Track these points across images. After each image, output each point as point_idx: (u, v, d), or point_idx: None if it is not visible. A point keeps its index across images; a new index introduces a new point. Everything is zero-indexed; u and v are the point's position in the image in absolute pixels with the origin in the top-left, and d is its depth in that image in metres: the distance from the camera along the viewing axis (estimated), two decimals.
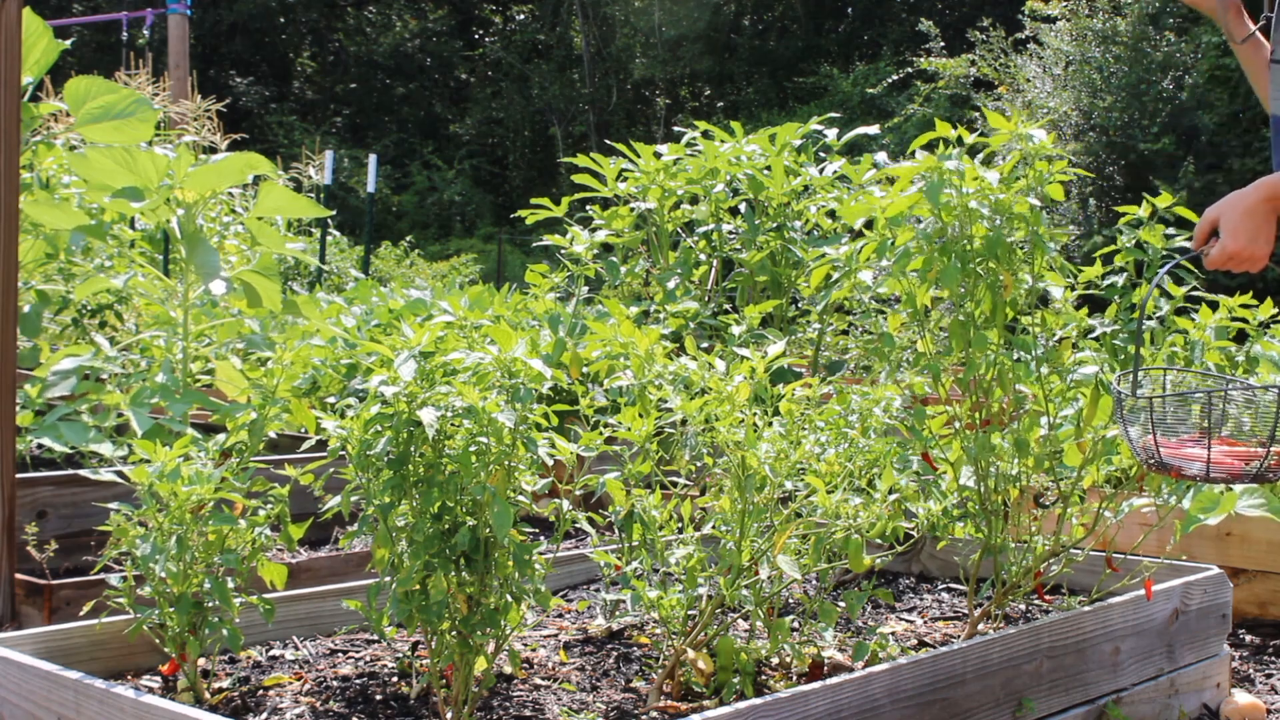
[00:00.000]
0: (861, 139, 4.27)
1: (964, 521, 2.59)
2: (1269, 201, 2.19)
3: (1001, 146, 2.47)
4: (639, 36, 28.40)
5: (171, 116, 9.35)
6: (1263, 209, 2.19)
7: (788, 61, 26.69)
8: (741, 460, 2.17)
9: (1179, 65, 15.70)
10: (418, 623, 1.97)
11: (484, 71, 30.15)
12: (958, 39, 19.76)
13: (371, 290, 5.54)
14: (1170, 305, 2.52)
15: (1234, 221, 2.19)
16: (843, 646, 2.57)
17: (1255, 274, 2.25)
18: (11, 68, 2.99)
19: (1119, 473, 2.62)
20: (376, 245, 16.39)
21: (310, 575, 3.30)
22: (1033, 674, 2.33)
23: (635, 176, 4.19)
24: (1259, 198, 2.18)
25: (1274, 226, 2.21)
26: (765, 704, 1.88)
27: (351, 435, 1.95)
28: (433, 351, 1.98)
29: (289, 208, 4.03)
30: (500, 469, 1.95)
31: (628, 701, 2.29)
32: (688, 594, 2.35)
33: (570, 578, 3.21)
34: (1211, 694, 2.79)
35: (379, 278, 13.11)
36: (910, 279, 2.48)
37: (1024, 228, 2.42)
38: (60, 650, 2.22)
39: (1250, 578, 3.48)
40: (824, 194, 4.00)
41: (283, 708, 2.21)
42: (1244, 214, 2.19)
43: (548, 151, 28.18)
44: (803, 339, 4.18)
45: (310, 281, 9.06)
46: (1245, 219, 2.18)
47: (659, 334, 2.39)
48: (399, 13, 29.10)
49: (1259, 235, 2.19)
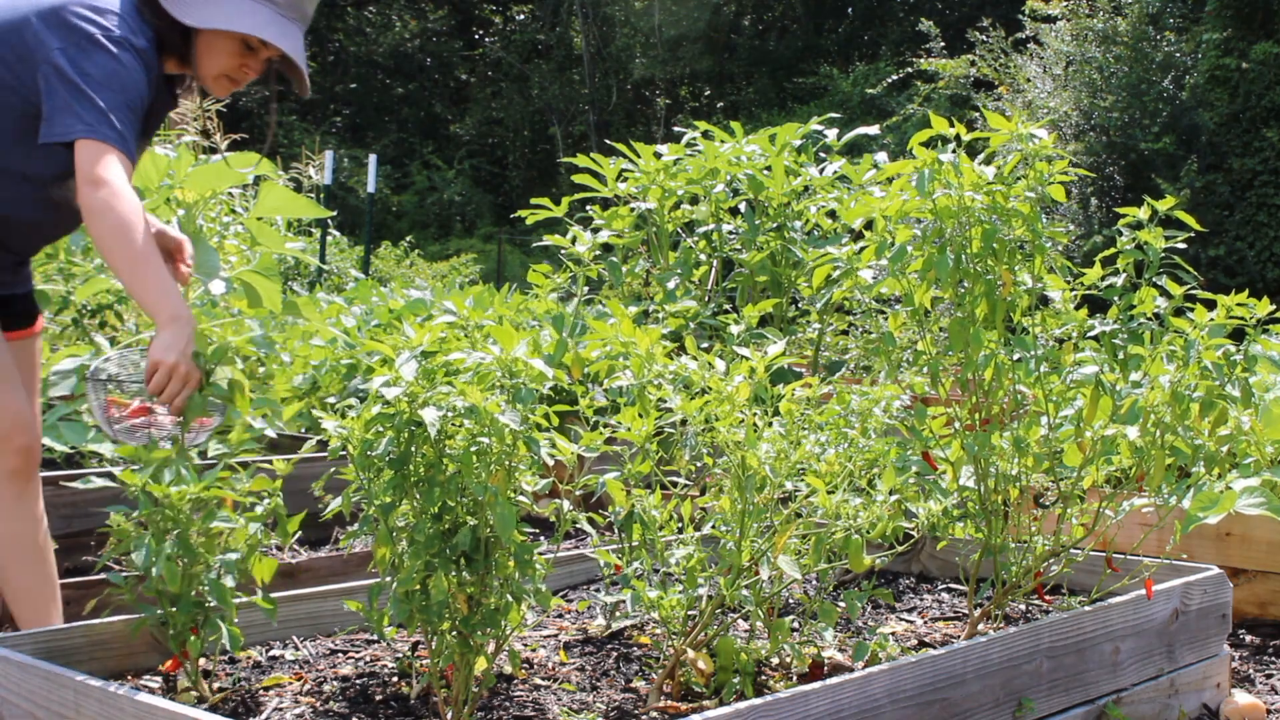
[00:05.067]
0: (861, 139, 4.27)
1: (964, 521, 2.59)
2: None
3: (1001, 147, 2.47)
4: (639, 36, 28.41)
5: (171, 116, 9.34)
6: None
7: (787, 61, 26.70)
8: (741, 460, 2.18)
9: (1179, 65, 15.71)
10: (418, 623, 1.97)
11: (484, 71, 30.16)
12: (958, 39, 19.76)
13: (371, 290, 5.55)
14: (1170, 304, 2.52)
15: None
16: (843, 646, 2.57)
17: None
18: None
19: (1119, 473, 2.62)
20: (376, 245, 16.40)
21: (310, 575, 3.30)
22: (1033, 674, 2.33)
23: (635, 177, 4.20)
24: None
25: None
26: (765, 704, 1.88)
27: (352, 435, 1.95)
28: (434, 351, 1.98)
29: (289, 208, 4.03)
30: (501, 469, 1.95)
31: (628, 701, 2.29)
32: (688, 594, 2.35)
33: (570, 578, 3.21)
34: (1211, 694, 2.79)
35: (379, 278, 13.12)
36: (910, 279, 2.48)
37: (1022, 226, 2.42)
38: (60, 650, 2.22)
39: (1250, 578, 3.48)
40: (824, 194, 4.00)
41: (283, 708, 2.21)
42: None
43: (548, 151, 28.19)
44: (803, 339, 4.18)
45: (310, 281, 9.06)
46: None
47: (659, 334, 2.39)
48: (399, 13, 29.12)
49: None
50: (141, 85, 2.47)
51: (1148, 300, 2.49)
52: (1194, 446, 2.48)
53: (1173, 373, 2.47)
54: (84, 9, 2.46)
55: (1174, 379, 2.45)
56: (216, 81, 2.62)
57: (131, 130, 2.43)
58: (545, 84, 28.33)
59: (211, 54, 2.58)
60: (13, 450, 2.56)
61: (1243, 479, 2.26)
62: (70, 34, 2.43)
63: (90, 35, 2.42)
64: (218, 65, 2.59)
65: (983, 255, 2.42)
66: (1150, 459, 2.49)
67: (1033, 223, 2.42)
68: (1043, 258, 2.45)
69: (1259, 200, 15.11)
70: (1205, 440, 2.49)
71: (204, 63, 2.59)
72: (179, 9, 2.51)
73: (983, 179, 2.40)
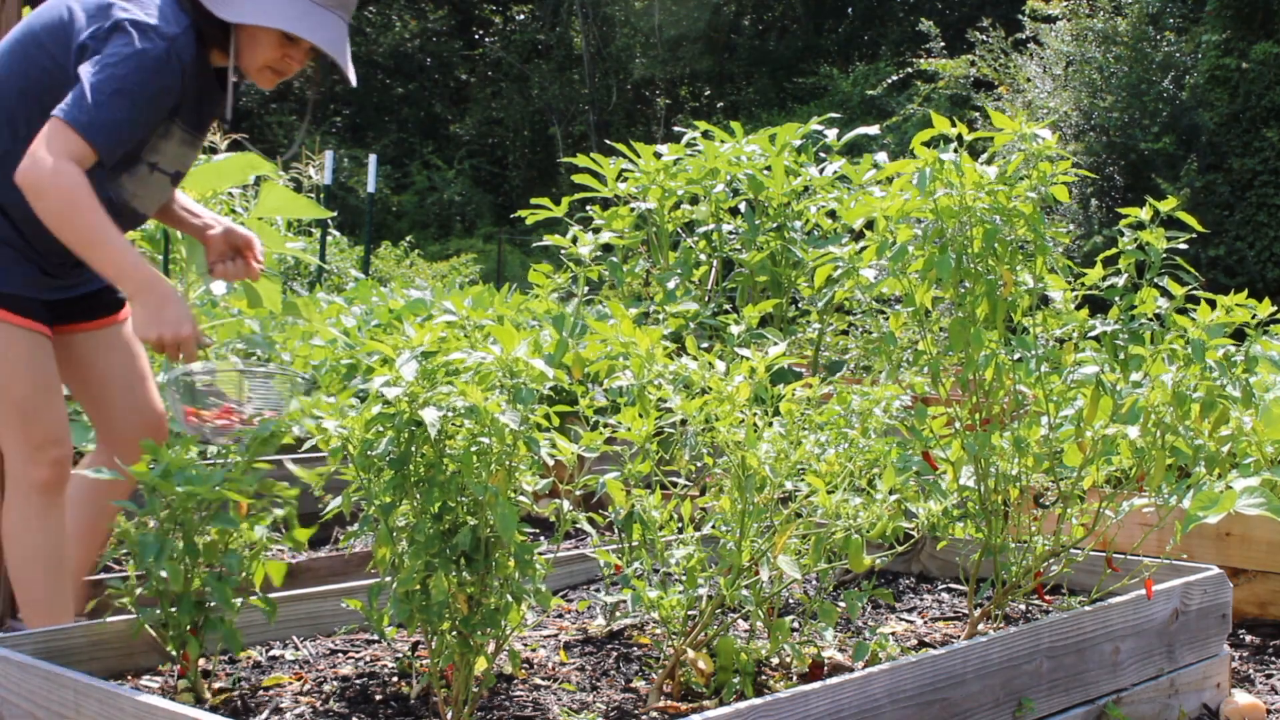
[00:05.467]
0: (861, 139, 4.27)
1: (964, 521, 2.59)
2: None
3: (1003, 147, 2.47)
4: (639, 36, 28.40)
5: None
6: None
7: (787, 61, 26.70)
8: (741, 460, 2.18)
9: (1179, 65, 15.71)
10: (418, 623, 1.97)
11: (484, 71, 30.16)
12: (958, 39, 19.77)
13: (371, 290, 5.55)
14: (1171, 305, 2.52)
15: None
16: (843, 646, 2.57)
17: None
18: None
19: (1119, 473, 2.62)
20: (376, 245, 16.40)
21: (310, 575, 3.30)
22: (1033, 674, 2.33)
23: (635, 177, 4.19)
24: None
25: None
26: (765, 704, 1.88)
27: (352, 435, 1.95)
28: (434, 351, 1.98)
29: (289, 208, 4.04)
30: (502, 469, 1.95)
31: (628, 701, 2.29)
32: (688, 594, 2.35)
33: (570, 578, 3.21)
34: (1211, 694, 2.79)
35: (379, 278, 13.12)
36: (911, 279, 2.48)
37: (1024, 226, 2.42)
38: (60, 650, 2.22)
39: (1250, 578, 3.48)
40: (824, 194, 4.00)
41: (283, 708, 2.21)
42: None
43: (548, 151, 28.19)
44: (803, 339, 4.18)
45: (310, 281, 9.06)
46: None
47: (659, 334, 2.39)
48: (399, 13, 29.11)
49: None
50: (164, 73, 2.45)
51: (1149, 300, 2.48)
52: (1194, 447, 2.48)
53: (1174, 373, 2.47)
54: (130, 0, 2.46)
55: (1175, 379, 2.45)
56: (260, 73, 2.60)
57: (126, 116, 2.41)
58: (545, 84, 28.32)
59: (252, 46, 2.56)
60: (46, 462, 2.54)
61: (1243, 479, 2.26)
62: (100, 19, 2.44)
63: (117, 22, 2.42)
64: (260, 57, 2.58)
65: (984, 255, 2.42)
66: (1151, 459, 2.49)
67: (1035, 223, 2.42)
68: (1044, 258, 2.45)
69: (1259, 200, 15.11)
70: (1206, 440, 2.49)
71: (246, 55, 2.57)
72: (215, 3, 2.50)
73: (985, 179, 2.40)
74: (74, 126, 2.35)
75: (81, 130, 2.36)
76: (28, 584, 2.57)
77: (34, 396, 2.53)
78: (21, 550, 2.56)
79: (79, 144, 2.36)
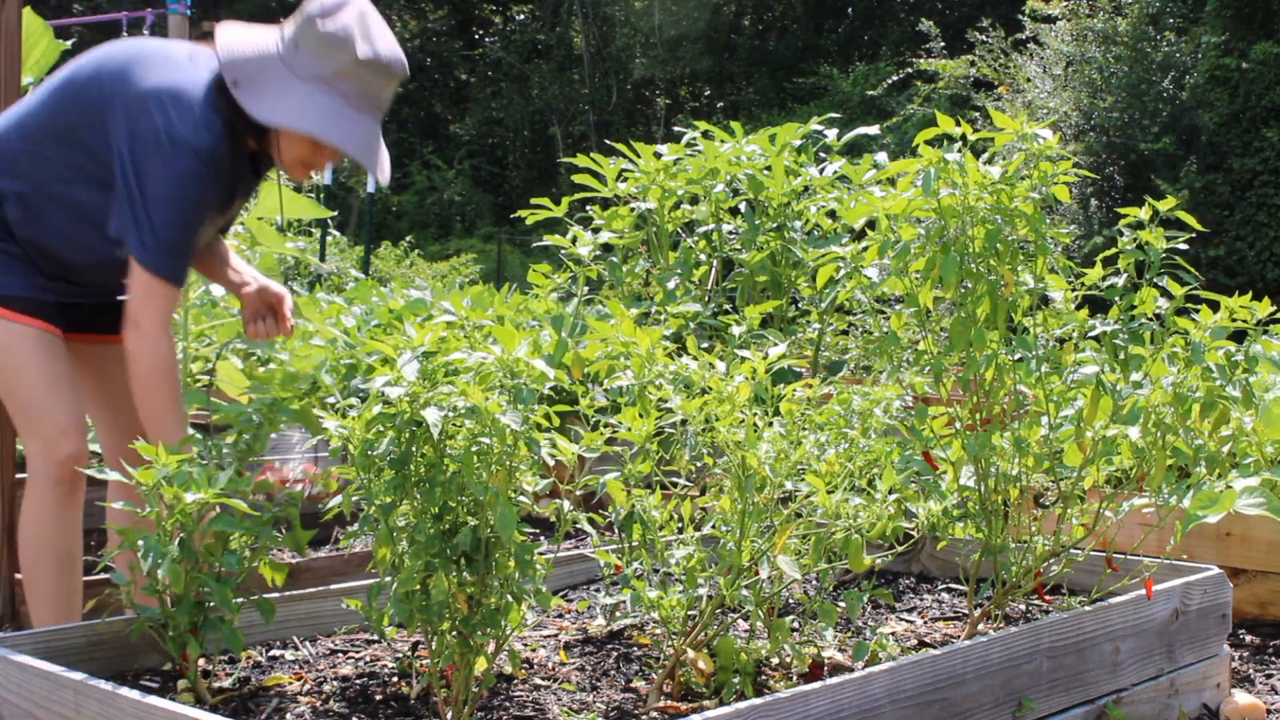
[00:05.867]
0: (861, 139, 4.27)
1: (964, 521, 2.59)
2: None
3: (1004, 147, 2.47)
4: (639, 36, 28.40)
5: None
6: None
7: (787, 61, 26.69)
8: (742, 460, 2.18)
9: (1179, 65, 15.71)
10: (418, 623, 1.97)
11: (484, 71, 30.15)
12: (958, 39, 19.77)
13: (371, 290, 5.54)
14: (1171, 305, 2.52)
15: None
16: (843, 646, 2.57)
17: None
18: (12, 68, 2.99)
19: (1119, 473, 2.62)
20: (376, 245, 16.40)
21: (310, 575, 3.31)
22: (1033, 674, 2.33)
23: (635, 177, 4.19)
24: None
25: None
26: (765, 704, 1.88)
27: (353, 435, 1.95)
28: (435, 351, 1.98)
29: (289, 208, 4.03)
30: (502, 469, 1.95)
31: (628, 701, 2.29)
32: (688, 594, 2.35)
33: (570, 578, 3.21)
34: (1211, 694, 2.79)
35: (379, 278, 13.12)
36: (913, 279, 2.48)
37: (1025, 226, 2.42)
38: (60, 650, 2.22)
39: (1250, 578, 3.48)
40: (824, 194, 3.99)
41: (283, 708, 2.21)
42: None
43: (548, 151, 28.19)
44: (803, 339, 4.17)
45: (310, 281, 9.06)
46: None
47: (660, 334, 2.39)
48: (399, 13, 29.09)
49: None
50: (199, 187, 2.52)
51: (1149, 301, 2.48)
52: (1195, 447, 2.48)
53: (1174, 373, 2.47)
54: (164, 97, 2.50)
55: (1175, 379, 2.45)
56: (293, 166, 2.65)
57: (187, 240, 2.53)
58: (545, 84, 28.32)
59: (287, 143, 2.61)
60: (59, 459, 2.58)
61: (1242, 479, 2.26)
62: (139, 128, 2.49)
63: (156, 136, 2.47)
64: (292, 153, 2.63)
65: (985, 255, 2.42)
66: (1151, 459, 2.49)
67: (1036, 223, 2.42)
68: (1045, 258, 2.45)
69: (1259, 200, 15.11)
70: (1206, 440, 2.49)
71: (280, 149, 2.62)
72: (250, 101, 2.52)
73: (988, 179, 2.39)
74: (153, 272, 2.48)
75: (163, 275, 2.49)
76: (38, 576, 2.62)
77: (42, 391, 2.58)
78: (35, 541, 2.61)
79: (166, 293, 2.51)
